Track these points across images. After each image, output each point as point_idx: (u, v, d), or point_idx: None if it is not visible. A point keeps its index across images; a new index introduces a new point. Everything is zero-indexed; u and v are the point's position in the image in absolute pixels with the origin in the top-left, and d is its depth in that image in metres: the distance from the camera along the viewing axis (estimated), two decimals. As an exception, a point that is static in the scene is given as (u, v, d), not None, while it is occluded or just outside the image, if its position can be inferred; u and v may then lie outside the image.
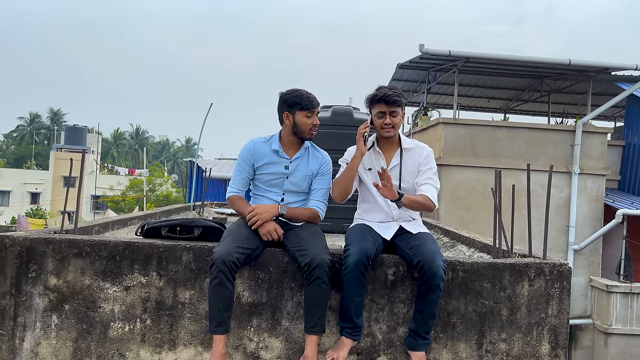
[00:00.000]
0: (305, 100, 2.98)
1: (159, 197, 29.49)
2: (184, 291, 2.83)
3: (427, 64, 11.41)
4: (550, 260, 2.93)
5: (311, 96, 3.01)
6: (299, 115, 2.98)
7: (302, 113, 2.98)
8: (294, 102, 2.98)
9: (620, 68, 10.71)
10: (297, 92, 3.01)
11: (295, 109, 2.98)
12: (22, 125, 57.41)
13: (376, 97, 2.95)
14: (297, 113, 2.98)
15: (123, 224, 4.27)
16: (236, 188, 3.08)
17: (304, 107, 2.97)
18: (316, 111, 3.01)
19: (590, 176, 10.60)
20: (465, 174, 10.24)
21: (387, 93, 2.92)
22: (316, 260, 2.62)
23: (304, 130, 3.01)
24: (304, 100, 2.97)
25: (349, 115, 5.45)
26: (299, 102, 2.97)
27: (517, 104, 15.12)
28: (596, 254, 10.69)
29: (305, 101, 2.97)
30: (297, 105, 2.98)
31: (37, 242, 2.83)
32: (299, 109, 2.98)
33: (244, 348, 2.83)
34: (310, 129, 3.01)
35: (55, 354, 2.81)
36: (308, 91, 3.04)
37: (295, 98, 2.98)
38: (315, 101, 3.00)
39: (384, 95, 2.91)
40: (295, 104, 2.98)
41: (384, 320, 2.84)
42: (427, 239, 2.80)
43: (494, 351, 2.85)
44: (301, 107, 2.97)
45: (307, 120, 2.99)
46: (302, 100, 2.97)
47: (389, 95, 2.91)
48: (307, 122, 2.99)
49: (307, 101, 2.97)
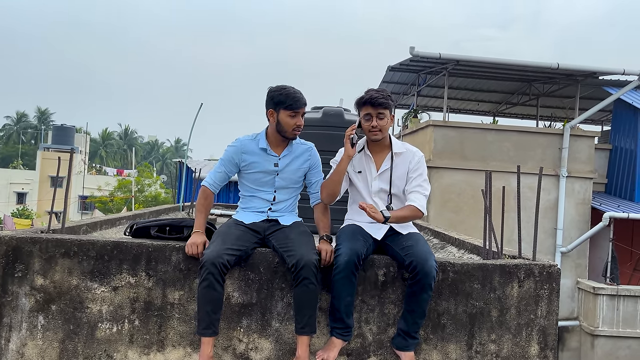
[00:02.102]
0: (291, 99, 2.88)
1: (147, 198, 29.27)
2: (173, 292, 2.80)
3: (418, 67, 11.47)
4: (540, 261, 2.94)
5: (297, 95, 2.90)
6: (282, 114, 2.90)
7: (286, 112, 2.89)
8: (279, 100, 2.89)
9: (607, 72, 10.85)
10: (284, 89, 2.91)
11: (279, 107, 2.90)
12: (9, 125, 56.74)
13: (362, 100, 2.90)
14: (281, 112, 2.90)
15: (111, 224, 4.22)
16: (212, 180, 2.99)
17: (288, 106, 2.88)
18: (301, 111, 2.91)
19: (578, 179, 10.70)
20: (455, 177, 10.29)
21: (374, 95, 2.88)
22: (302, 260, 2.60)
23: (287, 130, 2.92)
24: (289, 99, 2.88)
25: (340, 117, 5.44)
26: (283, 100, 2.88)
27: (506, 107, 15.24)
28: (583, 257, 10.79)
29: (290, 100, 2.88)
30: (282, 104, 2.89)
31: (24, 242, 2.79)
32: (283, 107, 2.89)
33: (233, 349, 2.81)
34: (294, 129, 2.92)
35: (42, 354, 2.77)
36: (296, 89, 2.94)
37: (281, 96, 2.89)
38: (300, 101, 2.90)
39: (370, 98, 2.87)
40: (280, 103, 2.89)
41: (375, 321, 2.84)
42: (419, 240, 2.80)
43: (483, 352, 2.85)
44: (285, 106, 2.88)
45: (291, 121, 2.90)
46: (287, 99, 2.88)
47: (375, 97, 2.87)
48: (290, 122, 2.90)
49: (292, 100, 2.88)
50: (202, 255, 2.67)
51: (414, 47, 10.03)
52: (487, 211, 3.07)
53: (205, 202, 2.97)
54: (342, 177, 2.90)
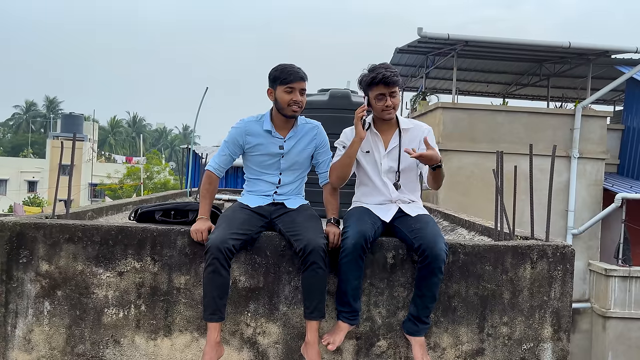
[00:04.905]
0: (285, 73, 2.77)
1: (156, 185, 29.35)
2: (179, 276, 2.77)
3: (426, 48, 11.29)
4: (553, 242, 2.87)
5: (293, 69, 2.79)
6: (279, 90, 2.79)
7: (282, 88, 2.78)
8: (275, 76, 2.80)
9: (620, 51, 10.60)
10: (280, 65, 2.81)
11: (276, 83, 2.80)
12: (18, 114, 57.03)
13: (375, 80, 2.78)
14: (277, 88, 2.80)
15: (117, 210, 4.20)
16: (217, 164, 2.93)
17: (283, 80, 2.77)
18: (297, 86, 2.78)
19: (590, 160, 10.54)
20: (464, 159, 10.17)
21: (386, 74, 2.76)
22: (310, 245, 2.55)
23: (283, 107, 2.81)
24: (283, 73, 2.77)
25: (347, 99, 5.36)
26: (279, 76, 2.78)
27: (516, 89, 15.01)
28: (595, 238, 10.67)
29: (285, 74, 2.77)
30: (277, 80, 2.79)
31: (28, 227, 2.76)
32: (279, 83, 2.78)
33: (240, 333, 2.78)
34: (289, 105, 2.80)
35: (48, 340, 2.75)
36: (293, 65, 2.82)
37: (276, 72, 2.80)
38: (295, 74, 2.78)
39: (384, 77, 2.76)
40: (276, 79, 2.79)
41: (384, 305, 2.79)
42: (428, 222, 2.73)
43: (495, 335, 2.80)
44: (281, 81, 2.78)
45: (286, 96, 2.78)
46: (282, 74, 2.77)
47: (388, 76, 2.76)
48: (285, 98, 2.79)
49: (286, 74, 2.77)
50: (207, 240, 2.63)
51: (422, 28, 9.86)
52: (498, 192, 2.99)
53: (210, 187, 2.91)
54: (353, 160, 2.82)
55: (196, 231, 2.72)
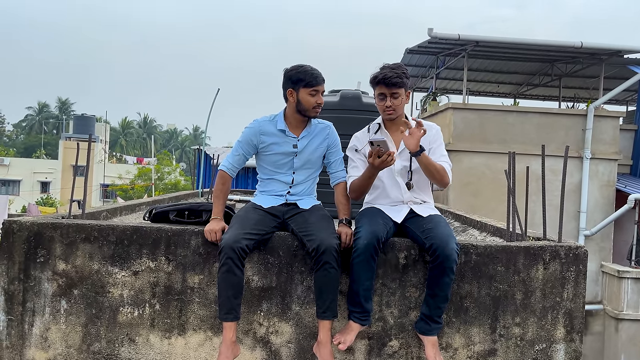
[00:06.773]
0: (309, 76, 2.85)
1: (167, 186, 29.54)
2: (193, 276, 2.80)
3: (436, 49, 11.27)
4: (566, 243, 2.86)
5: (316, 72, 2.88)
6: (302, 92, 2.86)
7: (305, 90, 2.86)
8: (298, 78, 2.86)
9: (633, 51, 10.52)
10: (301, 67, 2.88)
11: (299, 85, 2.86)
12: (31, 115, 57.67)
13: (376, 79, 2.81)
14: (300, 90, 2.86)
15: (131, 210, 4.24)
16: (230, 164, 2.97)
17: (307, 83, 2.85)
18: (321, 88, 2.88)
19: (602, 161, 10.46)
20: (475, 160, 10.14)
21: (387, 75, 2.77)
22: (323, 245, 2.57)
23: (308, 109, 2.89)
24: (307, 76, 2.85)
25: (358, 100, 5.37)
26: (302, 78, 2.85)
27: (527, 89, 14.93)
28: (607, 240, 10.58)
29: (309, 77, 2.85)
30: (301, 82, 2.85)
31: (45, 227, 2.80)
32: (303, 85, 2.85)
33: (254, 333, 2.80)
34: (314, 107, 2.89)
35: (65, 338, 2.80)
36: (313, 67, 2.90)
37: (299, 74, 2.86)
38: (319, 77, 2.87)
39: (384, 77, 2.77)
40: (299, 81, 2.86)
41: (396, 305, 2.80)
42: (439, 222, 2.74)
43: (507, 335, 2.80)
44: (305, 84, 2.85)
45: (311, 99, 2.86)
46: (306, 77, 2.85)
47: (389, 77, 2.77)
48: (310, 101, 2.87)
49: (310, 77, 2.85)
50: (221, 240, 2.66)
51: (432, 29, 9.85)
52: (510, 192, 2.99)
53: (224, 187, 2.95)
54: (372, 182, 2.82)
55: (210, 231, 2.75)
